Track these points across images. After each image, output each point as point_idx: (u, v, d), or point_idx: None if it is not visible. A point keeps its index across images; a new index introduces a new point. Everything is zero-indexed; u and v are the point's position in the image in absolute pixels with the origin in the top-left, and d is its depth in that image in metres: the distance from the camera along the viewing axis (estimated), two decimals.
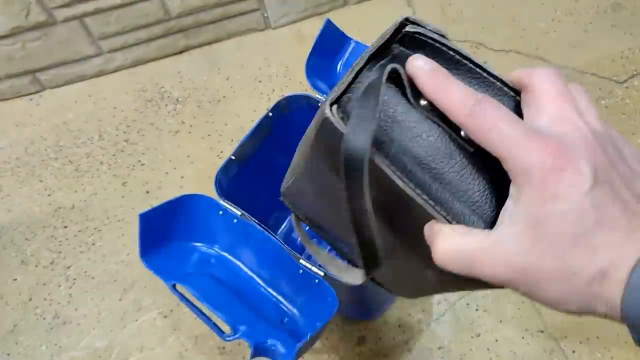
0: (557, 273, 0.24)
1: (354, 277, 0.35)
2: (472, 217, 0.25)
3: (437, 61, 0.27)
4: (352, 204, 0.26)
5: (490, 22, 1.40)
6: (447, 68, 0.26)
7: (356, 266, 0.37)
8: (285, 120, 0.92)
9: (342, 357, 0.92)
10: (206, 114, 1.31)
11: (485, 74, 0.28)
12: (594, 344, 0.89)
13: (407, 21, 0.28)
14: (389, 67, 0.25)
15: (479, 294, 0.96)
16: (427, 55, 0.27)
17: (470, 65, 0.28)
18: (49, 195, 1.22)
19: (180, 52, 1.47)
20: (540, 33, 1.35)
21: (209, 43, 1.47)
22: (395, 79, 0.26)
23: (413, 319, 0.95)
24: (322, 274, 0.67)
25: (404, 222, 0.29)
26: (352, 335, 0.95)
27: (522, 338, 0.91)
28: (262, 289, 0.74)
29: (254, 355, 0.62)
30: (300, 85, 1.32)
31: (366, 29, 1.43)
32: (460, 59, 0.28)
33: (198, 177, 1.20)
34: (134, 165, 1.24)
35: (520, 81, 0.27)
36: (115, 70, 1.46)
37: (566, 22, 1.36)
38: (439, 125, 0.26)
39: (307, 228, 0.42)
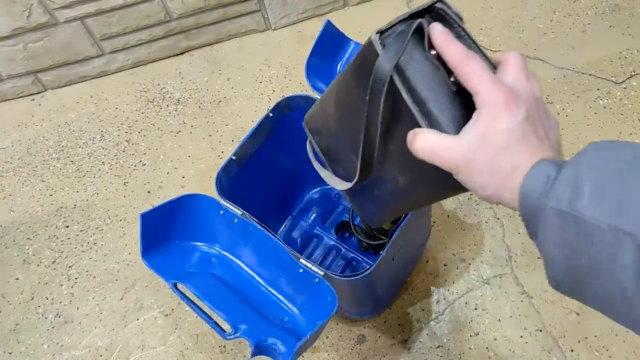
0: (487, 166, 0.37)
1: (345, 185, 0.52)
2: (447, 127, 0.39)
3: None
4: (369, 116, 0.42)
5: (489, 22, 1.40)
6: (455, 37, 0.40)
7: (348, 182, 0.52)
8: (285, 121, 0.92)
9: (341, 356, 0.93)
10: (207, 115, 1.32)
11: (478, 48, 0.42)
12: (592, 343, 0.90)
13: (439, 1, 0.42)
14: (417, 22, 0.39)
15: (478, 294, 0.97)
16: (442, 24, 0.40)
17: (470, 41, 0.42)
18: (51, 195, 1.22)
19: (182, 53, 1.48)
20: (539, 34, 1.35)
21: (209, 44, 1.48)
22: (420, 31, 0.39)
23: (412, 318, 0.96)
24: (322, 273, 0.68)
25: (396, 130, 0.42)
26: (351, 334, 0.95)
27: (521, 337, 0.92)
28: (263, 288, 0.74)
29: (254, 353, 0.62)
30: (300, 85, 1.33)
31: (366, 29, 1.44)
32: (465, 35, 0.42)
33: (199, 177, 1.20)
34: (135, 165, 1.25)
35: (498, 59, 0.42)
36: (116, 71, 1.46)
37: (565, 23, 1.37)
38: (438, 69, 0.40)
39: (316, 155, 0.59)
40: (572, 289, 0.37)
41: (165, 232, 0.76)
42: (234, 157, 0.82)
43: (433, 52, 0.40)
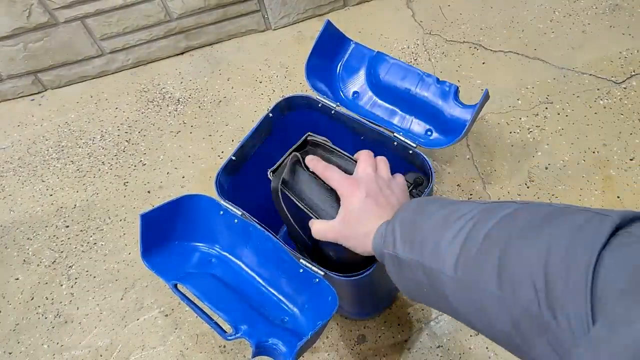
0: (352, 234, 0.57)
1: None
2: (328, 215, 0.62)
3: (320, 150, 0.71)
4: (282, 216, 0.70)
5: (488, 23, 1.40)
6: (326, 152, 0.70)
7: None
8: (285, 121, 0.92)
9: (341, 356, 0.93)
10: (207, 115, 1.32)
11: (344, 154, 0.70)
12: None
13: (309, 135, 0.72)
14: (294, 155, 0.68)
15: None
16: (318, 148, 0.71)
17: (338, 151, 0.70)
18: (51, 195, 1.22)
19: (182, 53, 1.48)
20: (539, 34, 1.36)
21: (209, 44, 1.48)
22: (300, 161, 0.69)
23: (412, 318, 0.96)
24: (322, 273, 0.68)
25: (306, 222, 0.65)
26: (351, 334, 0.95)
27: None
28: (263, 289, 0.74)
29: (255, 354, 0.62)
30: (300, 85, 1.33)
31: (366, 29, 1.44)
32: (333, 149, 0.71)
33: (199, 177, 1.21)
34: (135, 166, 1.25)
35: (357, 156, 0.65)
36: (116, 71, 1.46)
37: (565, 23, 1.37)
38: (316, 178, 0.66)
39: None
40: (420, 300, 0.51)
41: (165, 232, 0.76)
42: (233, 158, 0.82)
43: (309, 170, 0.67)
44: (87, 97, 1.42)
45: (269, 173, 0.70)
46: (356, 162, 0.63)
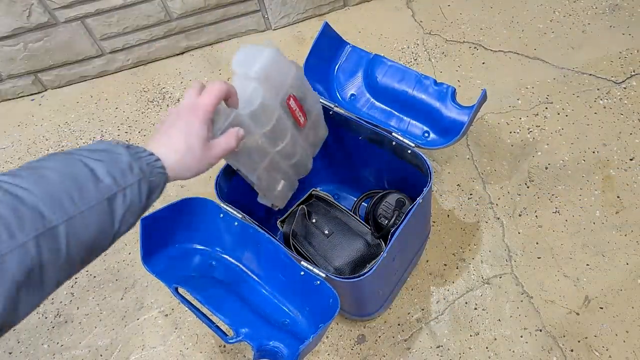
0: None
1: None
2: (330, 263, 0.88)
3: (323, 204, 0.94)
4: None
5: (488, 23, 1.40)
6: (328, 206, 0.94)
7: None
8: None
9: (341, 356, 0.93)
10: None
11: (344, 209, 0.93)
12: (592, 343, 0.90)
13: (314, 191, 0.96)
14: (302, 208, 0.90)
15: (478, 293, 0.97)
16: (321, 201, 0.95)
17: (338, 206, 0.94)
18: None
19: (182, 53, 1.48)
20: (539, 34, 1.35)
21: (210, 44, 1.48)
22: (306, 214, 0.91)
23: (412, 318, 0.96)
24: (323, 275, 0.68)
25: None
26: (351, 334, 0.95)
27: (521, 337, 0.92)
28: (264, 291, 0.74)
29: (257, 357, 0.62)
30: None
31: (366, 29, 1.44)
32: (334, 203, 0.94)
33: (199, 180, 1.20)
34: None
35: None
36: (116, 71, 1.46)
37: (565, 23, 1.37)
38: (319, 230, 0.90)
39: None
40: None
41: (165, 235, 0.76)
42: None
43: (313, 220, 0.89)
44: (87, 97, 1.42)
45: (278, 223, 0.87)
46: (356, 215, 0.76)
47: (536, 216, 1.05)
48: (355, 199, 1.07)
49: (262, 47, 0.67)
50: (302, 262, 0.69)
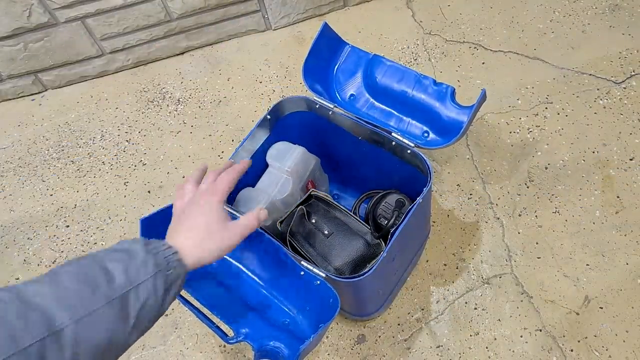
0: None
1: None
2: (328, 262, 0.86)
3: (322, 204, 0.91)
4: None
5: (488, 23, 1.40)
6: (327, 206, 0.91)
7: None
8: (283, 123, 0.92)
9: (341, 356, 0.93)
10: (207, 115, 1.32)
11: (343, 208, 0.90)
12: (592, 343, 0.90)
13: (313, 191, 0.91)
14: (301, 209, 0.87)
15: (478, 293, 0.97)
16: (320, 201, 0.92)
17: (336, 205, 0.91)
18: (51, 194, 1.23)
19: (182, 53, 1.48)
20: (539, 34, 1.36)
21: (210, 44, 1.48)
22: (305, 214, 0.87)
23: (412, 318, 0.96)
24: (323, 275, 0.68)
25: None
26: (351, 334, 0.95)
27: (521, 337, 0.92)
28: (264, 292, 0.74)
29: (257, 357, 0.62)
30: (300, 85, 1.33)
31: (366, 29, 1.44)
32: (333, 203, 0.91)
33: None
34: (135, 165, 1.25)
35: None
36: (117, 71, 1.46)
37: (564, 23, 1.37)
38: (317, 229, 0.87)
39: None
40: None
41: (166, 236, 0.75)
42: (232, 160, 0.83)
43: (313, 220, 0.87)
44: (88, 97, 1.42)
45: (277, 224, 0.86)
46: (356, 215, 0.72)
47: (536, 216, 1.05)
48: (355, 199, 1.07)
49: (293, 145, 0.91)
50: (302, 262, 0.69)
